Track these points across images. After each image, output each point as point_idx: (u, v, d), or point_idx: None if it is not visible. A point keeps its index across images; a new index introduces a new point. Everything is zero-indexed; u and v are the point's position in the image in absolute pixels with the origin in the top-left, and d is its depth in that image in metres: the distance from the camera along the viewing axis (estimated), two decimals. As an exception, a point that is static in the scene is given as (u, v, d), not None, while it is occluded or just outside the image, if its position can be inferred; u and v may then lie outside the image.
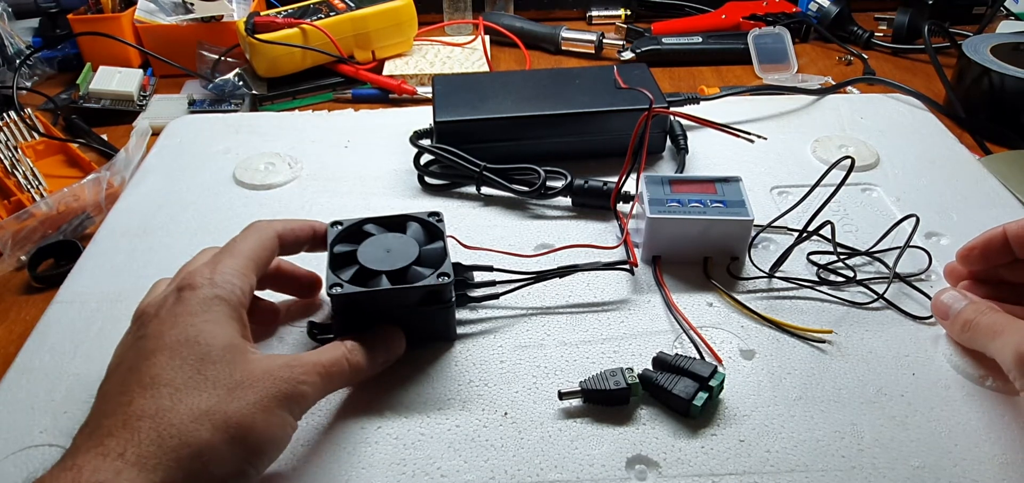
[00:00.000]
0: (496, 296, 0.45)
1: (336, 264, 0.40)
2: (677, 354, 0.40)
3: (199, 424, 0.29)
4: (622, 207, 0.53)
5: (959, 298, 0.41)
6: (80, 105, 0.75)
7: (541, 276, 0.45)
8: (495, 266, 0.46)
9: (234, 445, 0.30)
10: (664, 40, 0.87)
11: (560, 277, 0.46)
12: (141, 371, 0.30)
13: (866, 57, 0.86)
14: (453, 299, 0.41)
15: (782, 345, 0.42)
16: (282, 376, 0.32)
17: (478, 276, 0.45)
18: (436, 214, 0.43)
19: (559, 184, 0.53)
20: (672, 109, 0.57)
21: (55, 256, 0.54)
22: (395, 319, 0.40)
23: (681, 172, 0.58)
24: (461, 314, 0.44)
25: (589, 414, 0.38)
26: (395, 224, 0.43)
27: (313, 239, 0.42)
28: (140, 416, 0.28)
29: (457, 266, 0.42)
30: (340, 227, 0.42)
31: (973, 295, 0.42)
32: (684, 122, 0.63)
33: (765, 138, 0.50)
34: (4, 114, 0.69)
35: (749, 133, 0.51)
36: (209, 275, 0.34)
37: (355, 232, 0.42)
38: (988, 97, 0.69)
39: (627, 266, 0.47)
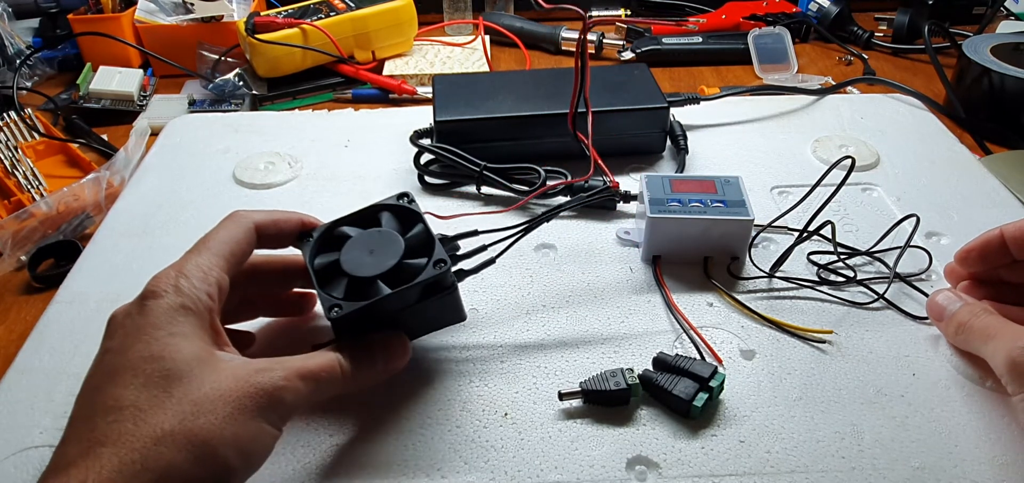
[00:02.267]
0: (492, 260, 0.42)
1: (323, 280, 0.37)
2: (677, 354, 0.40)
3: (162, 446, 0.27)
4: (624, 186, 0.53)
5: (954, 300, 0.41)
6: (80, 105, 0.75)
7: (531, 224, 0.43)
8: (479, 229, 0.43)
9: (201, 463, 0.28)
10: (664, 40, 0.87)
11: (547, 221, 0.44)
12: (105, 393, 0.29)
13: (866, 57, 0.86)
14: (455, 283, 0.39)
15: (782, 345, 0.42)
16: (256, 381, 0.30)
17: (464, 245, 0.42)
18: (405, 195, 0.41)
19: (559, 184, 0.53)
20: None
21: (55, 256, 0.54)
22: (401, 321, 0.38)
23: (681, 172, 0.58)
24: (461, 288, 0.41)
25: (589, 415, 0.38)
26: (367, 218, 0.40)
27: (301, 234, 0.39)
28: (102, 442, 0.27)
29: (442, 238, 0.40)
30: (311, 239, 0.39)
31: (968, 296, 0.41)
32: (684, 122, 0.63)
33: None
34: (4, 114, 0.69)
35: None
36: (173, 281, 0.32)
37: (329, 238, 0.40)
38: (988, 97, 0.68)
39: (614, 196, 0.49)
